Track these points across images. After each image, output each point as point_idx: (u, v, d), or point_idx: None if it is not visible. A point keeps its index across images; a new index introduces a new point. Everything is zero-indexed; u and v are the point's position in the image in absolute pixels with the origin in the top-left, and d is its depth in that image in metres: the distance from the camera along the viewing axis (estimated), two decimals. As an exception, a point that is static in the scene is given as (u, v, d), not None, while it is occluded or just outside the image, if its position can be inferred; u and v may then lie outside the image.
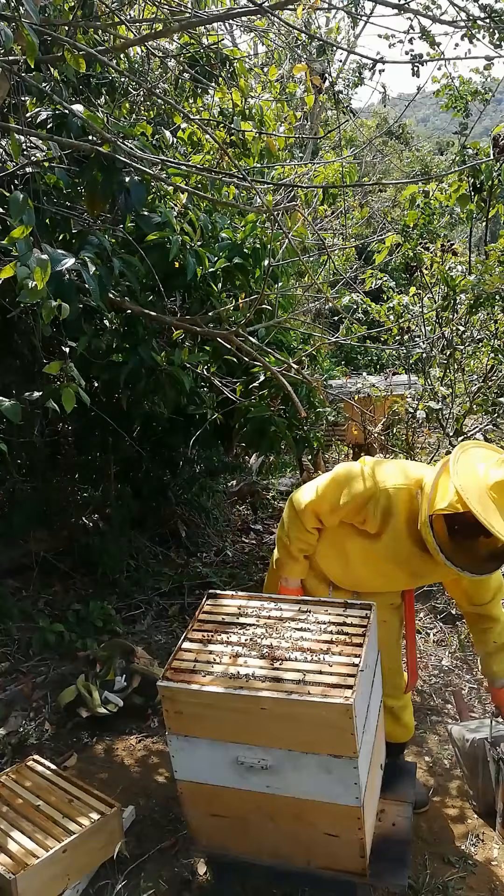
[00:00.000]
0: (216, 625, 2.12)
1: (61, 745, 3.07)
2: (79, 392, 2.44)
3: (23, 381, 3.69)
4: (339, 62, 7.47)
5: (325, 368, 5.32)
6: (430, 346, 4.26)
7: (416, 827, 2.58)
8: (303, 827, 1.94)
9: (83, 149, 2.60)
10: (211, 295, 3.70)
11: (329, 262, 4.66)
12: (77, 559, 4.33)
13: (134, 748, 3.07)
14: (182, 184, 3.43)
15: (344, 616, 2.10)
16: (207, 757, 1.95)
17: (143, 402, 3.74)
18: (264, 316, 3.95)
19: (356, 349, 9.07)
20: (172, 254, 3.20)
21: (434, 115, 40.35)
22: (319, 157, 7.86)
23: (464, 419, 4.26)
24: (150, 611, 4.16)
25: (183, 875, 2.40)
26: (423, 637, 3.89)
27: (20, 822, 2.31)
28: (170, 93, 4.06)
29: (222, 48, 4.04)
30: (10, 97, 2.55)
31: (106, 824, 2.32)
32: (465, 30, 3.06)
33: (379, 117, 13.88)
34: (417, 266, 4.14)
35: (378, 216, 9.76)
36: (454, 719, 3.24)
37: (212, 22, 3.50)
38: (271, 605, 2.18)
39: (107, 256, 2.90)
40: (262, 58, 5.46)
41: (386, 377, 5.13)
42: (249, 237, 3.70)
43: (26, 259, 2.00)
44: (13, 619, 3.79)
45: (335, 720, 1.77)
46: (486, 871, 2.42)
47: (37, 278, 1.99)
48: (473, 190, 3.91)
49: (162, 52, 3.99)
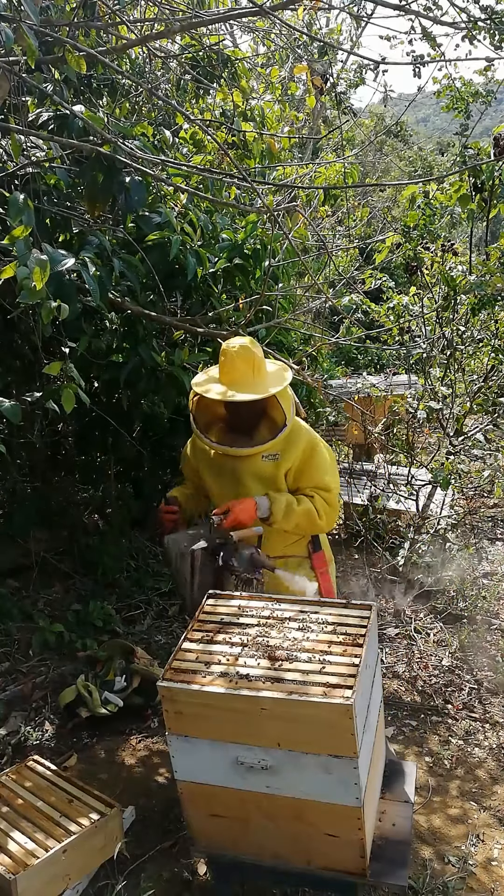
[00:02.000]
0: (216, 625, 2.12)
1: (61, 746, 3.07)
2: (78, 392, 2.44)
3: (23, 381, 3.70)
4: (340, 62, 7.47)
5: (325, 369, 5.31)
6: (430, 346, 4.26)
7: (416, 827, 2.58)
8: (303, 827, 1.94)
9: (84, 149, 2.60)
10: (211, 295, 3.70)
11: (330, 263, 4.66)
12: (77, 559, 4.33)
13: (134, 748, 3.08)
14: (182, 184, 3.43)
15: (344, 616, 2.10)
16: (207, 757, 1.95)
17: (144, 402, 3.74)
18: (264, 316, 3.95)
19: (356, 349, 9.07)
20: (173, 254, 3.20)
21: (434, 115, 40.36)
22: (320, 157, 7.85)
23: (464, 419, 4.26)
24: (150, 611, 4.16)
25: (183, 875, 2.40)
26: (423, 637, 3.89)
27: (20, 822, 2.31)
28: (171, 94, 4.06)
29: (223, 49, 4.04)
30: (10, 97, 2.55)
31: (106, 824, 2.32)
32: (466, 31, 3.05)
33: (376, 117, 13.86)
34: (418, 266, 4.14)
35: (379, 215, 9.76)
36: (453, 719, 3.25)
37: (212, 23, 3.50)
38: (271, 605, 2.18)
39: (107, 257, 2.90)
40: (263, 58, 5.45)
41: (386, 377, 5.13)
42: (250, 238, 3.70)
43: (25, 259, 2.00)
44: (13, 619, 3.79)
45: (335, 720, 1.77)
46: (486, 871, 2.43)
47: (36, 279, 2.00)
48: (474, 189, 3.91)
49: (163, 53, 3.99)
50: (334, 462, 2.63)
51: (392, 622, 4.03)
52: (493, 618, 4.08)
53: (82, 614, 3.86)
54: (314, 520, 2.51)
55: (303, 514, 2.49)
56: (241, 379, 2.41)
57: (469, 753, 3.03)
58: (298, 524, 2.51)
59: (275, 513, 2.46)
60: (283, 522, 2.48)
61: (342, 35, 6.09)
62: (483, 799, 2.77)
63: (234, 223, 3.98)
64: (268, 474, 2.52)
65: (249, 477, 2.53)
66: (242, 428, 2.53)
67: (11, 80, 2.47)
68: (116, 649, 3.47)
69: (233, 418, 2.55)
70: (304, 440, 2.52)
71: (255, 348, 2.46)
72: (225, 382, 2.43)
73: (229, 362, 2.42)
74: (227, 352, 2.43)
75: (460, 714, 3.27)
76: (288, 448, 2.50)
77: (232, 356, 2.41)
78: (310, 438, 2.55)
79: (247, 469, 2.52)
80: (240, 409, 2.48)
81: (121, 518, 4.45)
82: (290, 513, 2.48)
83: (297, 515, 2.49)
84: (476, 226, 4.06)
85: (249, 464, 2.52)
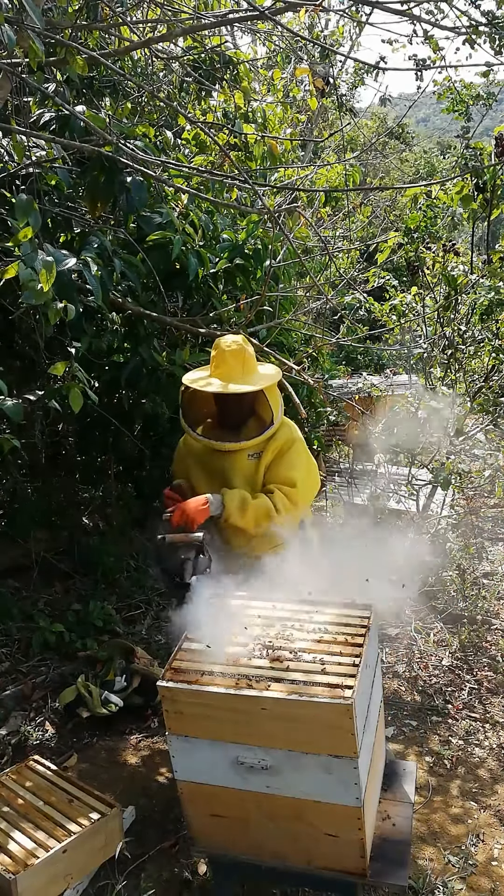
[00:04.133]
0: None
1: (61, 745, 3.08)
2: (86, 391, 2.45)
3: (23, 381, 3.70)
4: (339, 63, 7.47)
5: (325, 369, 5.31)
6: (431, 346, 4.27)
7: (416, 827, 2.58)
8: (303, 827, 1.94)
9: (85, 150, 2.61)
10: (212, 296, 3.70)
11: (332, 263, 4.67)
12: (77, 559, 4.33)
13: (134, 748, 3.08)
14: (184, 185, 3.43)
15: (344, 616, 2.10)
16: (208, 757, 1.95)
17: (145, 401, 3.74)
18: (265, 317, 3.95)
19: (357, 349, 9.07)
20: (175, 254, 3.20)
21: (434, 115, 40.37)
22: (321, 157, 7.86)
23: (464, 419, 4.26)
24: (150, 611, 4.16)
25: (183, 875, 2.41)
26: (423, 637, 3.89)
27: (20, 822, 2.31)
28: (173, 95, 4.06)
29: (225, 51, 4.04)
30: (11, 97, 2.55)
31: (106, 824, 2.32)
32: (467, 35, 3.06)
33: (378, 119, 13.86)
34: (419, 266, 4.15)
35: (380, 214, 9.76)
36: (454, 719, 3.25)
37: (213, 27, 3.50)
38: (271, 605, 2.18)
39: (108, 257, 2.91)
40: (263, 60, 5.45)
41: (386, 377, 5.14)
42: (251, 238, 3.70)
43: (32, 261, 2.00)
44: (13, 619, 3.79)
45: (335, 720, 1.77)
46: (486, 871, 2.43)
47: (42, 280, 2.00)
48: (476, 189, 3.92)
49: (165, 55, 4.00)
50: (311, 464, 2.59)
51: (392, 622, 4.04)
52: (493, 618, 4.08)
53: (82, 614, 3.86)
54: (272, 515, 2.43)
55: (258, 508, 2.43)
56: (231, 373, 2.43)
57: (469, 753, 3.04)
58: (257, 521, 2.43)
59: (227, 506, 2.41)
60: (238, 518, 2.41)
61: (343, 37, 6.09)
62: (483, 798, 2.78)
63: (235, 224, 3.98)
64: (253, 473, 2.52)
65: (237, 476, 2.52)
66: (231, 424, 2.54)
67: (13, 81, 2.47)
68: (116, 649, 3.47)
69: (221, 413, 2.57)
70: (283, 437, 2.52)
71: (247, 345, 2.49)
72: (215, 376, 2.45)
73: (220, 356, 2.44)
74: (220, 346, 2.46)
75: (461, 714, 3.28)
76: (269, 445, 2.50)
77: (223, 351, 2.44)
78: (290, 436, 2.54)
79: (234, 468, 2.53)
80: (228, 402, 2.50)
81: (121, 518, 4.45)
82: (245, 507, 2.42)
83: (253, 509, 2.42)
84: (477, 226, 4.07)
85: (237, 463, 2.52)
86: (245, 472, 2.52)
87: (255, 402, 2.54)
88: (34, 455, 4.24)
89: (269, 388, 2.47)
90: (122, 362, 3.54)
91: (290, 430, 2.56)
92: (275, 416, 2.47)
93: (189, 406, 2.58)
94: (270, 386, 2.48)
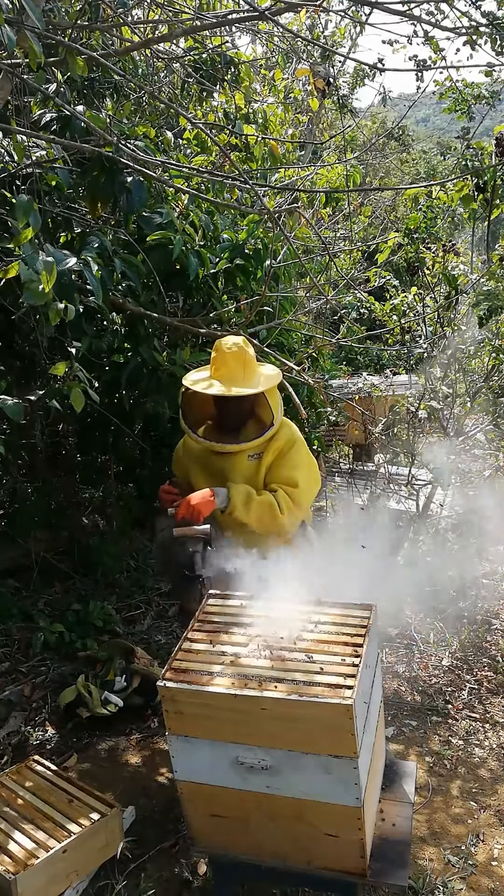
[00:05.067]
0: (216, 625, 2.13)
1: (61, 746, 3.08)
2: (87, 391, 2.45)
3: (23, 381, 3.70)
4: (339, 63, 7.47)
5: (326, 369, 5.31)
6: (431, 345, 4.27)
7: (416, 827, 2.58)
8: (303, 827, 1.94)
9: (85, 150, 2.61)
10: (212, 296, 3.70)
11: (332, 264, 4.67)
12: (77, 559, 4.33)
13: (134, 748, 3.08)
14: (184, 185, 3.43)
15: (344, 616, 2.10)
16: (207, 757, 1.95)
17: (145, 401, 3.75)
18: (265, 317, 3.95)
19: (356, 349, 9.06)
20: (175, 254, 3.20)
21: (434, 115, 40.35)
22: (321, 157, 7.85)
23: (464, 419, 4.26)
24: (150, 611, 4.16)
25: (183, 875, 2.41)
26: (423, 637, 3.89)
27: (20, 822, 2.31)
28: (174, 96, 4.07)
29: (226, 51, 4.05)
30: (12, 97, 2.56)
31: (106, 824, 2.33)
32: (467, 36, 3.06)
33: (378, 120, 13.86)
34: (419, 266, 4.15)
35: (380, 215, 9.77)
36: (454, 719, 3.25)
37: (213, 27, 3.51)
38: (272, 605, 2.19)
39: (108, 257, 2.91)
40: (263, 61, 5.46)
41: (386, 377, 5.14)
42: (251, 238, 3.71)
43: (33, 261, 2.00)
44: (13, 619, 3.80)
45: (335, 720, 1.77)
46: (487, 871, 2.43)
47: (43, 280, 2.00)
48: (476, 189, 3.93)
49: (166, 55, 4.00)
50: (312, 465, 2.60)
51: (392, 622, 4.04)
52: (493, 618, 4.08)
53: (82, 614, 3.87)
54: (275, 514, 2.44)
55: (262, 505, 2.43)
56: (231, 375, 2.43)
57: (470, 753, 3.04)
58: (260, 518, 2.44)
59: (233, 500, 2.41)
60: (242, 513, 2.42)
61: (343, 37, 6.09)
62: (484, 798, 2.78)
63: (235, 224, 3.98)
64: (253, 474, 2.52)
65: (237, 477, 2.52)
66: (231, 426, 2.54)
67: (13, 82, 2.47)
68: (116, 649, 3.47)
69: (221, 415, 2.56)
70: (284, 437, 2.52)
71: (247, 347, 2.48)
72: (216, 378, 2.45)
73: (221, 358, 2.44)
74: (220, 348, 2.45)
75: (461, 714, 3.28)
76: (269, 446, 2.51)
77: (224, 353, 2.44)
78: (291, 437, 2.54)
79: (234, 469, 2.53)
80: (228, 404, 2.50)
81: (121, 518, 4.45)
82: (250, 502, 2.42)
83: (257, 506, 2.43)
84: (477, 226, 4.07)
85: (237, 464, 2.52)
86: (245, 473, 2.52)
87: (255, 404, 2.54)
88: (34, 455, 4.24)
89: (270, 389, 2.47)
90: (122, 362, 3.54)
91: (290, 430, 2.57)
92: (275, 418, 2.47)
93: (189, 407, 2.58)
94: (271, 387, 2.48)
